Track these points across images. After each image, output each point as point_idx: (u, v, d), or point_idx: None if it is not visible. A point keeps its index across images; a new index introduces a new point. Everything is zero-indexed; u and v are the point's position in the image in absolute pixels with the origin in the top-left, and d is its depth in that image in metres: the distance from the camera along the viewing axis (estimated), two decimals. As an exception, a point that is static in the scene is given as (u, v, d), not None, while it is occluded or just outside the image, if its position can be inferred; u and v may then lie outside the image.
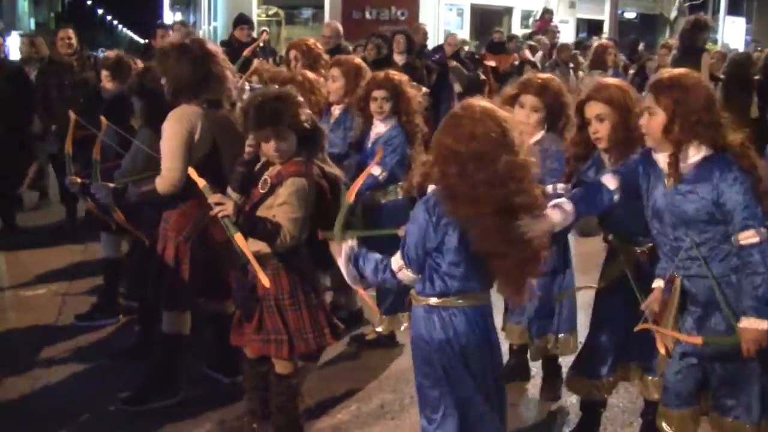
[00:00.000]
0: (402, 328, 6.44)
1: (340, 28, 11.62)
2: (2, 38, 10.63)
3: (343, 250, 4.03)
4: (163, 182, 5.15)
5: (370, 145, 6.28)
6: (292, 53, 7.85)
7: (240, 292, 4.88)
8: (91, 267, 8.38)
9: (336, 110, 6.66)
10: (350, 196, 4.10)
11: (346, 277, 4.11)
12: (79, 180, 5.84)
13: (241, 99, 5.69)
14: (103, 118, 5.86)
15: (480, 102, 3.78)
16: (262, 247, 4.55)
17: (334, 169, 4.87)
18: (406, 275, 3.91)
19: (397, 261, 3.91)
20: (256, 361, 5.00)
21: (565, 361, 5.65)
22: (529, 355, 5.92)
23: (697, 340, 4.16)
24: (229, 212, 4.35)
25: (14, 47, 15.93)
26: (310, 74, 6.78)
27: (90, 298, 7.42)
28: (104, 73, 7.44)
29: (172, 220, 5.35)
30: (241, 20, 12.75)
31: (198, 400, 5.65)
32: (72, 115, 5.85)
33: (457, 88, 12.77)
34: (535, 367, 6.10)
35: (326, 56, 7.74)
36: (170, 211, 5.36)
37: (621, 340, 4.97)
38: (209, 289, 5.47)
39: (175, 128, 5.14)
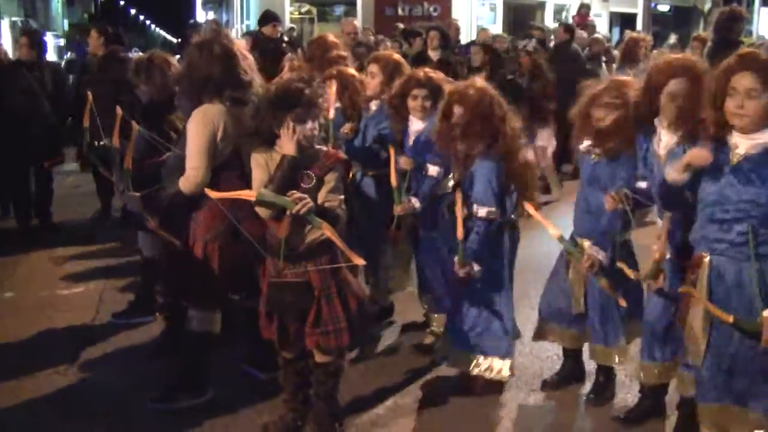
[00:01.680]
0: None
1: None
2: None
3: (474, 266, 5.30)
4: (188, 182, 5.08)
5: (411, 143, 6.18)
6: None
7: (288, 297, 4.78)
8: (128, 265, 8.44)
9: (373, 105, 6.59)
10: (459, 234, 5.19)
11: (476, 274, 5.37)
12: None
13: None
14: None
15: (479, 81, 5.51)
16: (318, 235, 4.61)
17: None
18: (496, 214, 5.36)
19: (485, 211, 5.32)
20: (294, 359, 5.04)
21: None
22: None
23: (728, 318, 4.11)
24: (311, 206, 4.43)
25: (49, 47, 16.04)
26: (349, 70, 6.75)
27: (127, 296, 7.45)
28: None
29: (200, 219, 5.28)
30: (270, 17, 12.69)
31: (236, 396, 5.65)
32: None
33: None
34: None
35: (342, 52, 7.65)
36: (199, 210, 5.27)
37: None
38: (244, 285, 5.44)
39: (200, 127, 5.08)
